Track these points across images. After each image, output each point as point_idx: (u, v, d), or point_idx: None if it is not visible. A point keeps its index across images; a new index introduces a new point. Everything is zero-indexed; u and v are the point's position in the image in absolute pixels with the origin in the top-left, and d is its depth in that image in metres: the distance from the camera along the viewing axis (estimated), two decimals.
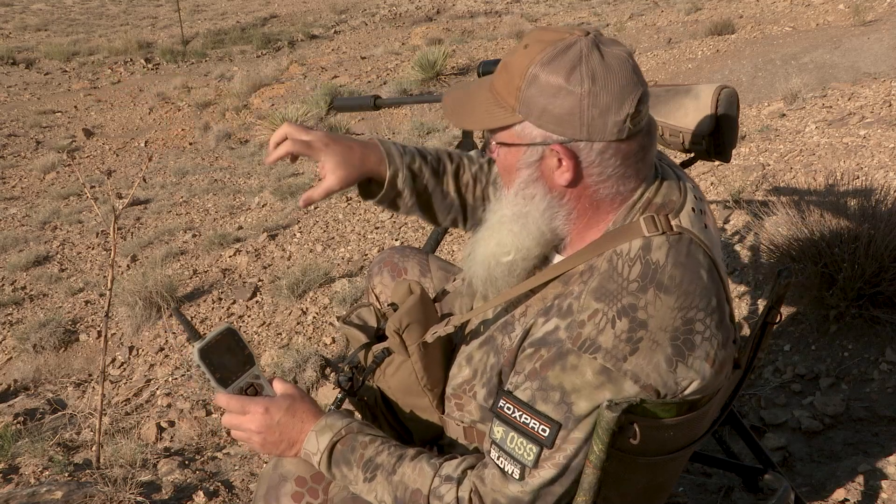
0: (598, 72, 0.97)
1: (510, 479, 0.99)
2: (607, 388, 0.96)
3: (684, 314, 0.97)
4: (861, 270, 2.18)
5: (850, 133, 3.71)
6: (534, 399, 0.99)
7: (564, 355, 0.98)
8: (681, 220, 1.03)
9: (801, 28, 9.03)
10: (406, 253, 1.63)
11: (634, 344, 0.95)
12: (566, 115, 0.98)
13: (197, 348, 1.06)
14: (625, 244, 1.01)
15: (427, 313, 1.26)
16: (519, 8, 15.97)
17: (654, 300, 0.96)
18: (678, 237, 1.01)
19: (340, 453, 1.10)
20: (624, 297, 0.97)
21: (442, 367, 1.27)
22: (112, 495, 1.97)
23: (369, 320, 1.38)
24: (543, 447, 0.97)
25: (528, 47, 1.00)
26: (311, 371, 2.74)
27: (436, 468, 1.05)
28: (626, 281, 0.98)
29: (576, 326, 0.98)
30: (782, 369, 2.29)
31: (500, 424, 1.01)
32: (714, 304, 1.00)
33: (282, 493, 1.15)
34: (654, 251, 0.99)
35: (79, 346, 3.58)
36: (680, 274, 0.98)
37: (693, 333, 0.98)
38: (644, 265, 0.98)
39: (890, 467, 1.83)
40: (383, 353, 1.29)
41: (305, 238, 4.26)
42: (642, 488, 1.12)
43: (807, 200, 2.59)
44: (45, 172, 8.04)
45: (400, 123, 8.23)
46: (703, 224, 1.05)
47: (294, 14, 19.44)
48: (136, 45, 15.61)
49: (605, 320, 0.96)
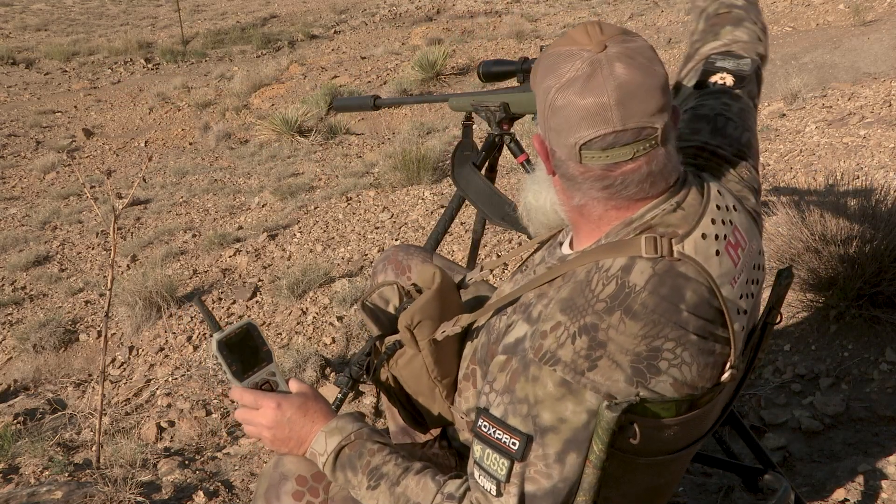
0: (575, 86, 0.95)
1: (490, 498, 0.99)
2: (569, 400, 0.95)
3: (649, 342, 0.94)
4: (861, 270, 2.18)
5: (850, 133, 3.71)
6: (506, 414, 0.99)
7: (528, 366, 0.97)
8: (684, 246, 0.98)
9: (801, 28, 9.03)
10: (410, 251, 1.64)
11: (593, 361, 0.94)
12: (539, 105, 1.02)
13: (215, 339, 1.07)
14: (609, 259, 0.98)
15: (444, 307, 1.27)
16: (519, 8, 15.97)
17: (619, 324, 0.94)
18: (667, 267, 0.96)
19: (347, 458, 1.10)
20: (588, 315, 0.95)
21: (454, 360, 1.28)
22: (112, 495, 1.97)
23: (392, 299, 1.39)
24: (514, 460, 0.97)
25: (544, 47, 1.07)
26: (311, 371, 2.73)
27: (440, 485, 1.05)
28: (595, 298, 0.96)
29: (538, 337, 0.98)
30: (782, 369, 2.29)
31: (479, 443, 1.02)
32: (693, 339, 0.96)
33: (282, 491, 1.15)
34: (635, 274, 0.96)
35: (79, 346, 3.58)
36: (654, 303, 0.95)
37: (659, 360, 0.95)
38: (618, 286, 0.96)
39: (890, 467, 1.83)
40: (395, 345, 1.30)
41: (305, 238, 4.26)
42: (644, 489, 1.12)
43: (807, 200, 2.59)
44: (45, 172, 8.04)
45: (400, 123, 8.23)
46: (714, 251, 0.99)
47: (294, 14, 19.44)
48: (136, 45, 15.62)
49: (566, 335, 0.95)
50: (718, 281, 0.98)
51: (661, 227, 0.99)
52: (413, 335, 1.24)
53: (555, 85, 0.97)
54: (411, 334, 1.24)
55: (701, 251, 0.98)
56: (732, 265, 1.01)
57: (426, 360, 1.25)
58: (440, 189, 4.72)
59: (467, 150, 1.88)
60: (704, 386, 1.01)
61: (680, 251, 0.98)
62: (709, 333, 0.98)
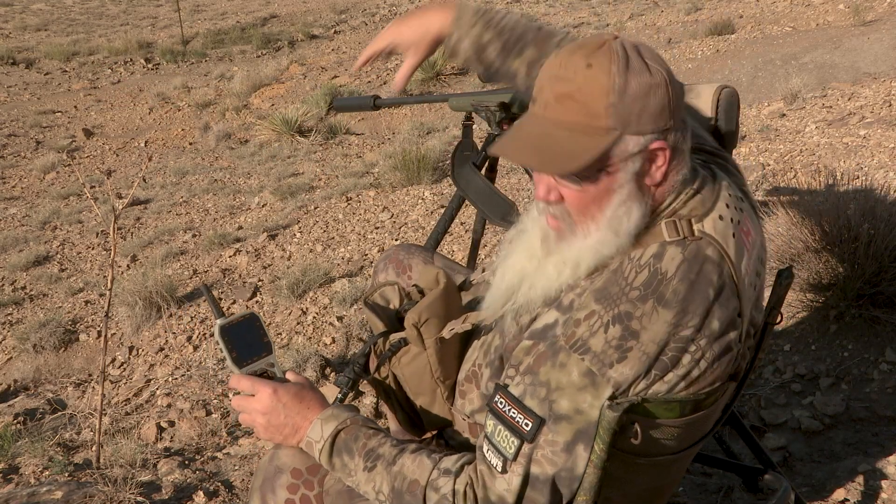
0: (654, 58, 0.97)
1: (495, 473, 1.00)
2: (588, 392, 0.96)
3: (679, 332, 0.95)
4: (861, 270, 2.18)
5: (850, 133, 3.71)
6: (524, 394, 0.99)
7: (557, 352, 0.98)
8: (704, 225, 1.00)
9: (801, 28, 9.04)
10: (411, 251, 1.64)
11: (623, 353, 0.95)
12: (661, 108, 0.96)
13: (218, 324, 1.10)
14: (639, 249, 0.99)
15: (449, 307, 1.27)
16: (519, 8, 15.97)
17: (652, 312, 0.95)
18: (695, 248, 0.98)
19: (343, 442, 1.10)
20: (622, 304, 0.96)
21: (457, 360, 1.29)
22: (112, 495, 1.97)
23: (393, 300, 1.40)
24: (524, 441, 0.98)
25: (591, 66, 0.95)
26: (311, 371, 2.73)
27: (435, 462, 1.06)
28: (628, 287, 0.97)
29: (571, 325, 0.98)
30: (782, 369, 2.29)
31: (492, 418, 1.02)
32: (715, 326, 0.97)
33: (277, 484, 1.15)
34: (666, 261, 0.97)
35: (79, 346, 3.58)
36: (685, 289, 0.95)
37: (683, 353, 0.96)
38: (651, 273, 0.96)
39: (890, 467, 1.83)
40: (400, 342, 1.30)
41: (305, 238, 4.26)
42: (645, 489, 1.12)
43: (807, 200, 2.59)
44: (45, 172, 8.03)
45: (400, 123, 8.23)
46: (732, 232, 1.01)
47: (294, 14, 19.44)
48: (136, 45, 15.61)
49: (598, 324, 0.96)
50: (735, 262, 1.00)
51: (685, 210, 1.01)
52: (420, 333, 1.25)
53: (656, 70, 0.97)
54: (418, 332, 1.25)
55: (720, 231, 1.00)
56: (746, 251, 1.03)
57: (431, 360, 1.26)
58: (440, 189, 4.72)
59: (467, 150, 1.88)
60: (714, 383, 1.01)
61: (700, 229, 0.99)
62: (732, 320, 0.99)
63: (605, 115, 0.95)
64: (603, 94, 0.94)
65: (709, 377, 0.99)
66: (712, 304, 0.97)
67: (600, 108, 0.95)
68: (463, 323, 1.22)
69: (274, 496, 1.15)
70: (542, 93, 1.00)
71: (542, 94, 1.00)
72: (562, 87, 0.97)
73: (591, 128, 0.96)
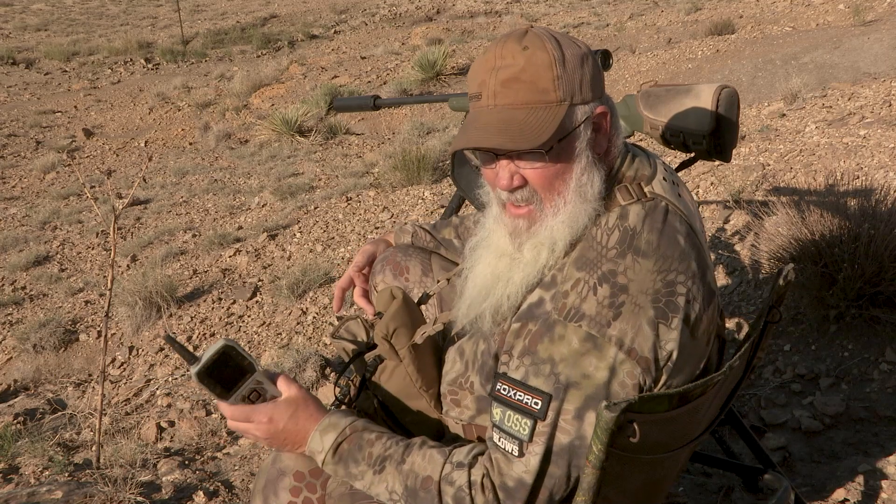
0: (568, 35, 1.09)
1: (511, 458, 1.00)
2: (592, 355, 0.97)
3: (664, 276, 1.00)
4: (861, 270, 2.18)
5: (850, 133, 3.71)
6: (527, 375, 1.00)
7: (552, 327, 1.00)
8: (654, 187, 1.07)
9: (801, 28, 9.04)
10: (409, 252, 1.63)
11: (617, 308, 0.98)
12: (595, 75, 1.04)
13: (194, 373, 1.05)
14: (603, 217, 1.04)
15: (413, 316, 1.27)
16: (519, 8, 15.98)
17: (633, 264, 0.99)
18: (653, 204, 1.05)
19: (347, 452, 1.10)
20: (604, 265, 1.00)
21: (434, 368, 1.28)
22: (112, 495, 1.97)
23: (359, 333, 1.40)
24: (537, 420, 0.99)
25: (527, 48, 1.01)
26: (311, 371, 2.73)
27: (446, 455, 1.06)
28: (604, 249, 1.01)
29: (560, 297, 1.01)
30: (782, 369, 2.29)
31: (498, 406, 1.03)
32: (694, 267, 1.03)
33: (280, 487, 1.15)
34: (632, 218, 1.03)
35: (79, 346, 3.58)
36: (656, 239, 1.01)
37: (675, 295, 1.00)
38: (622, 232, 1.02)
39: (890, 467, 1.83)
40: (375, 360, 1.30)
41: (305, 238, 4.26)
42: (641, 485, 1.12)
43: (807, 200, 2.59)
44: (45, 172, 8.04)
45: (400, 123, 8.23)
46: (677, 193, 1.09)
47: (294, 14, 19.44)
48: (136, 45, 15.63)
49: (586, 288, 0.99)
50: (688, 215, 1.07)
51: (631, 172, 1.09)
52: (391, 345, 1.24)
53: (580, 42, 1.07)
54: (390, 344, 1.24)
55: (668, 191, 1.08)
56: (693, 207, 1.12)
57: (408, 370, 1.25)
58: (440, 189, 4.72)
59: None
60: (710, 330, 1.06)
61: (651, 191, 1.07)
62: (704, 261, 1.06)
63: (554, 89, 1.01)
64: (547, 68, 1.00)
65: (705, 321, 1.03)
66: (685, 247, 1.03)
67: (548, 82, 1.00)
68: (434, 325, 1.22)
69: (276, 499, 1.15)
70: (485, 86, 1.03)
71: (485, 88, 1.03)
72: (505, 74, 1.01)
73: (543, 102, 1.01)
